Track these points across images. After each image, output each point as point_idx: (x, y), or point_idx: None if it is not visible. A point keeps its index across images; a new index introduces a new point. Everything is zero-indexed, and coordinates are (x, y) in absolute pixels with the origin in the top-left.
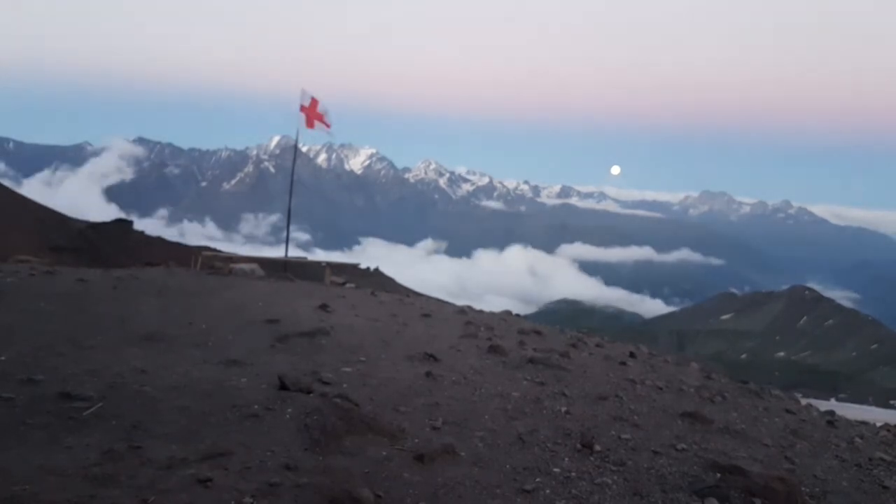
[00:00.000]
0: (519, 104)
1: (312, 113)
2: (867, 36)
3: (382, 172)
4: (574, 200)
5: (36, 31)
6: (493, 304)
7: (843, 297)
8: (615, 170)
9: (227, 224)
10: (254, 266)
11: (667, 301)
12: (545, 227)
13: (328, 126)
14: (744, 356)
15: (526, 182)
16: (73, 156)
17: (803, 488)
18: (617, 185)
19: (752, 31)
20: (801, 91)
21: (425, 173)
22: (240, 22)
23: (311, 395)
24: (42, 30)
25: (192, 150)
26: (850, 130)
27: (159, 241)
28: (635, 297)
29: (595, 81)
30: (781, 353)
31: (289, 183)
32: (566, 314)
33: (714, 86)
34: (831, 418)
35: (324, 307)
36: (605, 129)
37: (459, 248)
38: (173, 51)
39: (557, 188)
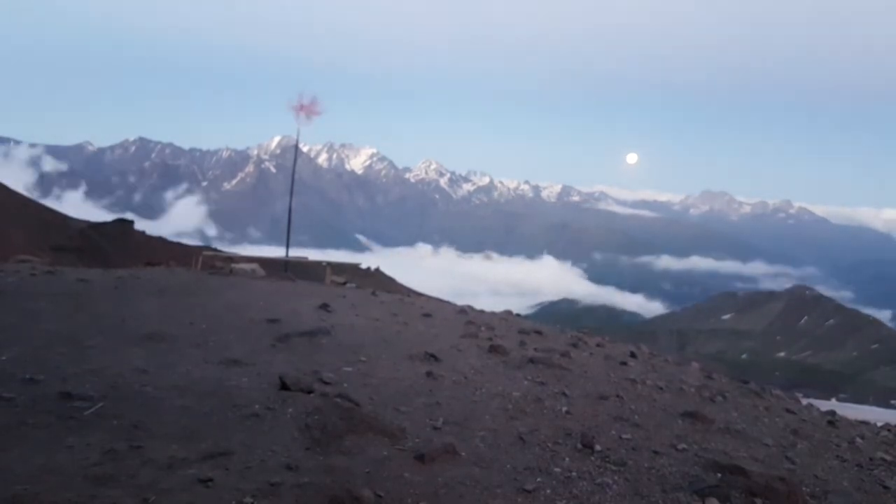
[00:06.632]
0: (519, 106)
1: (304, 108)
2: (869, 35)
3: (383, 172)
4: (575, 200)
5: (34, 31)
6: (493, 303)
7: (843, 296)
8: (631, 158)
9: (228, 224)
10: (254, 266)
11: (667, 301)
12: (546, 226)
13: (313, 112)
14: (744, 356)
15: (527, 182)
16: (74, 156)
17: (804, 488)
18: (617, 185)
19: (752, 30)
20: (802, 90)
21: (426, 173)
22: (240, 21)
23: (312, 394)
24: (40, 29)
25: (192, 149)
26: (851, 130)
27: (160, 241)
28: (636, 296)
29: (595, 81)
30: (782, 353)
31: (289, 183)
32: (566, 314)
33: (714, 85)
34: (832, 418)
35: (324, 307)
36: (605, 129)
37: (460, 247)
38: (172, 50)
39: (558, 188)
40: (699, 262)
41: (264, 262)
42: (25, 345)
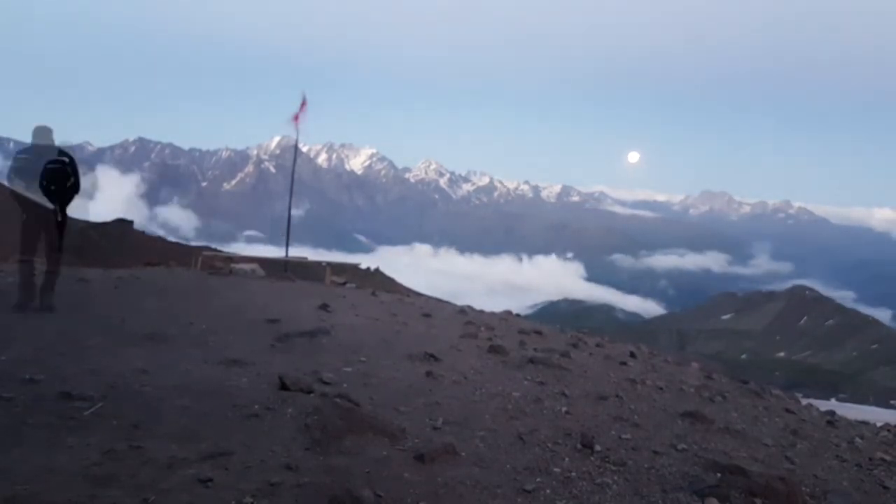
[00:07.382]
0: (519, 106)
1: (302, 113)
2: (869, 35)
3: (383, 172)
4: (575, 200)
5: (33, 31)
6: (493, 303)
7: (843, 296)
8: (632, 157)
9: (228, 224)
10: (254, 266)
11: (667, 301)
12: (545, 227)
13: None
14: (744, 356)
15: (526, 182)
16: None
17: (804, 488)
18: (617, 186)
19: (752, 29)
20: (802, 90)
21: (426, 173)
22: (240, 20)
23: (312, 394)
24: (40, 28)
25: (192, 149)
26: (851, 130)
27: (160, 241)
28: (635, 297)
29: (595, 80)
30: (782, 353)
31: (289, 183)
32: (566, 314)
33: (714, 85)
34: (831, 418)
35: (324, 307)
36: (605, 129)
37: (460, 248)
38: (172, 50)
39: (558, 188)
40: (699, 262)
41: (264, 263)
42: (25, 345)
